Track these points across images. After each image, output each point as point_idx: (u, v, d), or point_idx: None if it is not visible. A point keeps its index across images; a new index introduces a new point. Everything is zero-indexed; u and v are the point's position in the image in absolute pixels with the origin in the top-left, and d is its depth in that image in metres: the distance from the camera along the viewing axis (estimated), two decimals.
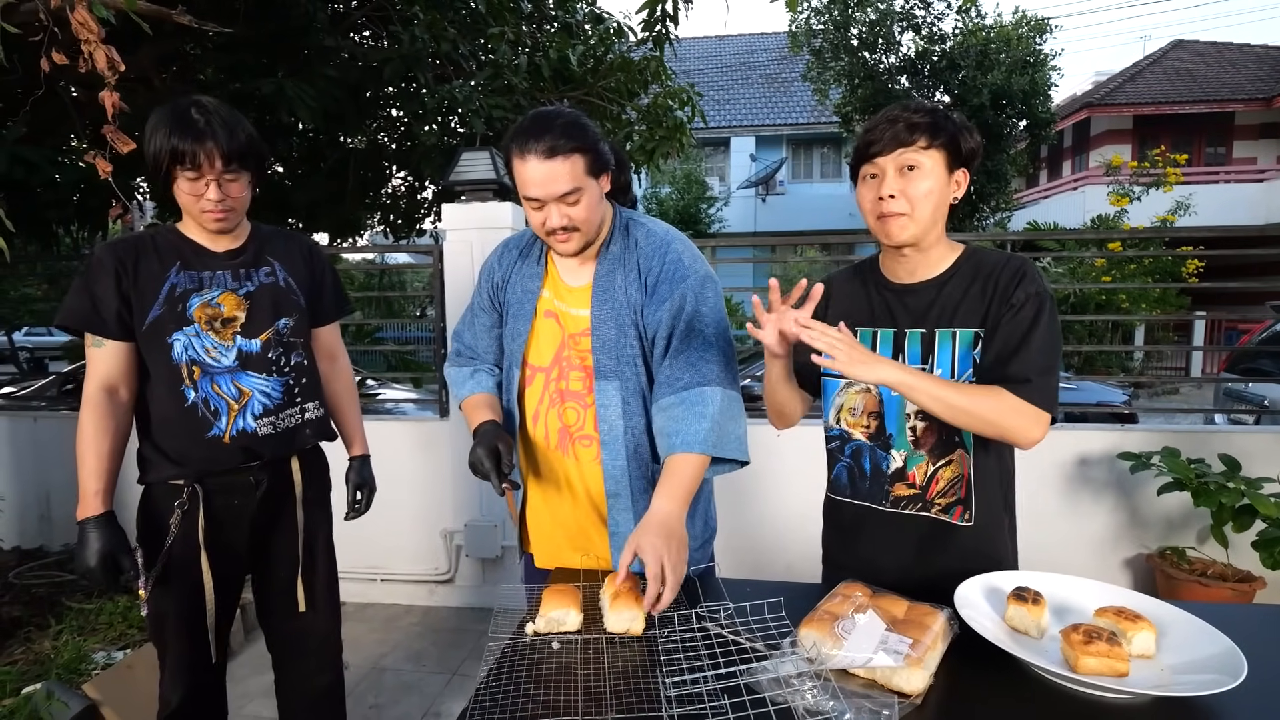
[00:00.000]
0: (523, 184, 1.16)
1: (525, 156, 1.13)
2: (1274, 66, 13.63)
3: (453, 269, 2.83)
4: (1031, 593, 0.97)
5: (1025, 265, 1.11)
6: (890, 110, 1.10)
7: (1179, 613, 0.95)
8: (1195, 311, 8.98)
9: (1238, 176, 13.04)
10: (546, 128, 1.13)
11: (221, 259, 1.40)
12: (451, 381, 1.39)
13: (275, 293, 1.43)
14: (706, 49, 18.71)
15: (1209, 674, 0.81)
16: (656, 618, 1.03)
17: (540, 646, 1.00)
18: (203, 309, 1.36)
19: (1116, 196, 8.16)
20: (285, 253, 1.47)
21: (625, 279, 1.25)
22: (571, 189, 1.14)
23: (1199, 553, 2.61)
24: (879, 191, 1.10)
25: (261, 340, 1.41)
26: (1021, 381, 1.04)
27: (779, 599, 1.01)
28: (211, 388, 1.36)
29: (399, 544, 3.02)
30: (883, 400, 1.19)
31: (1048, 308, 1.07)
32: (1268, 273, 9.26)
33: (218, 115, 1.29)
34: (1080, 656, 0.84)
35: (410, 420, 3.15)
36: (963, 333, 1.12)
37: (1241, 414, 4.30)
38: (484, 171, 2.68)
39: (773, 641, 0.95)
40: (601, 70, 4.43)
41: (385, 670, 2.53)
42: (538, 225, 1.20)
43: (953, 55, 10.39)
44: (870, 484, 1.22)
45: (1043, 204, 14.12)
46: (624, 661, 0.96)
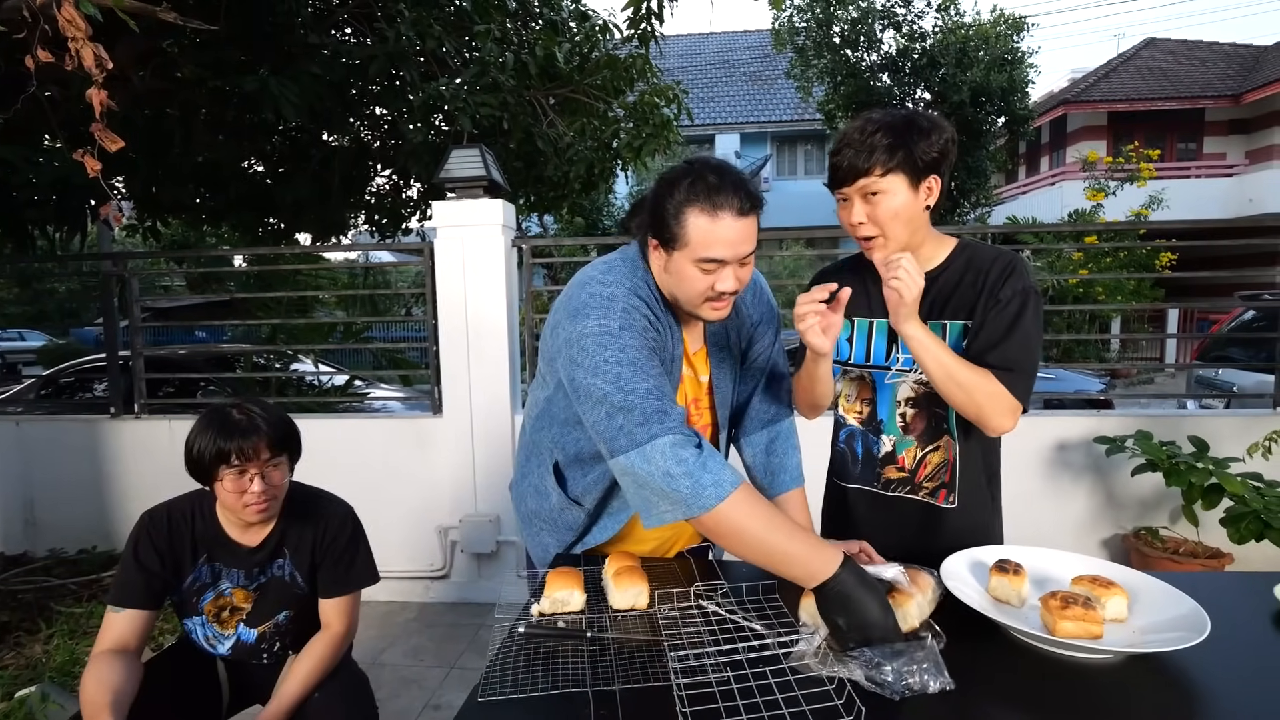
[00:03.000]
0: (707, 245, 1.02)
1: (719, 214, 1.01)
2: (1242, 64, 13.96)
3: (444, 266, 2.85)
4: (1013, 564, 1.03)
5: (1015, 261, 1.16)
6: (851, 132, 1.13)
7: (1149, 579, 1.01)
8: (1169, 302, 9.21)
9: (1208, 172, 13.35)
10: (737, 179, 1.03)
11: (244, 556, 1.46)
12: (694, 465, 0.96)
13: (281, 587, 1.49)
14: (692, 47, 18.74)
15: (1176, 632, 0.87)
16: (657, 595, 1.07)
17: (547, 625, 1.04)
18: (213, 603, 1.46)
19: (1093, 191, 8.31)
20: (298, 542, 1.49)
21: (739, 334, 1.27)
22: (753, 249, 1.07)
23: (1172, 531, 2.71)
24: (850, 218, 1.16)
25: (259, 631, 1.49)
26: (1003, 370, 1.09)
27: (773, 581, 1.06)
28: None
29: (395, 541, 3.03)
30: (875, 386, 1.25)
31: (1032, 304, 1.12)
32: (1237, 265, 9.51)
33: (258, 409, 1.39)
34: (1058, 621, 0.89)
35: (405, 418, 3.17)
36: (953, 324, 1.18)
37: (1212, 399, 4.44)
38: (474, 169, 2.70)
39: (767, 620, 0.99)
40: (588, 68, 4.45)
41: (385, 666, 2.55)
42: (703, 290, 1.05)
43: (933, 53, 10.52)
44: (863, 467, 1.28)
45: (1022, 199, 14.33)
46: (630, 636, 0.99)
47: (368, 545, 1.58)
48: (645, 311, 1.09)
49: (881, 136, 1.09)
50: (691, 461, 0.96)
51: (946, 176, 1.17)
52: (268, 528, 1.47)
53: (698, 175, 1.03)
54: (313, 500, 1.53)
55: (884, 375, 1.24)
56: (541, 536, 1.34)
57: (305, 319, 4.27)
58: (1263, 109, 13.40)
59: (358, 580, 1.53)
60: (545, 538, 1.33)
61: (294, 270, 4.29)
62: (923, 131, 1.10)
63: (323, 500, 1.55)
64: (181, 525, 1.44)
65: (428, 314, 2.93)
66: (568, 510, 1.28)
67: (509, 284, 2.86)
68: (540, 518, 1.33)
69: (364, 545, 1.56)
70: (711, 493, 0.94)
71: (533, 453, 1.33)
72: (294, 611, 1.51)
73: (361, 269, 7.63)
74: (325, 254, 5.44)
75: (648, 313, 1.10)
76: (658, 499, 0.98)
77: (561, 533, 1.31)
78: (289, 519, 1.49)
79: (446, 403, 2.93)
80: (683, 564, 1.25)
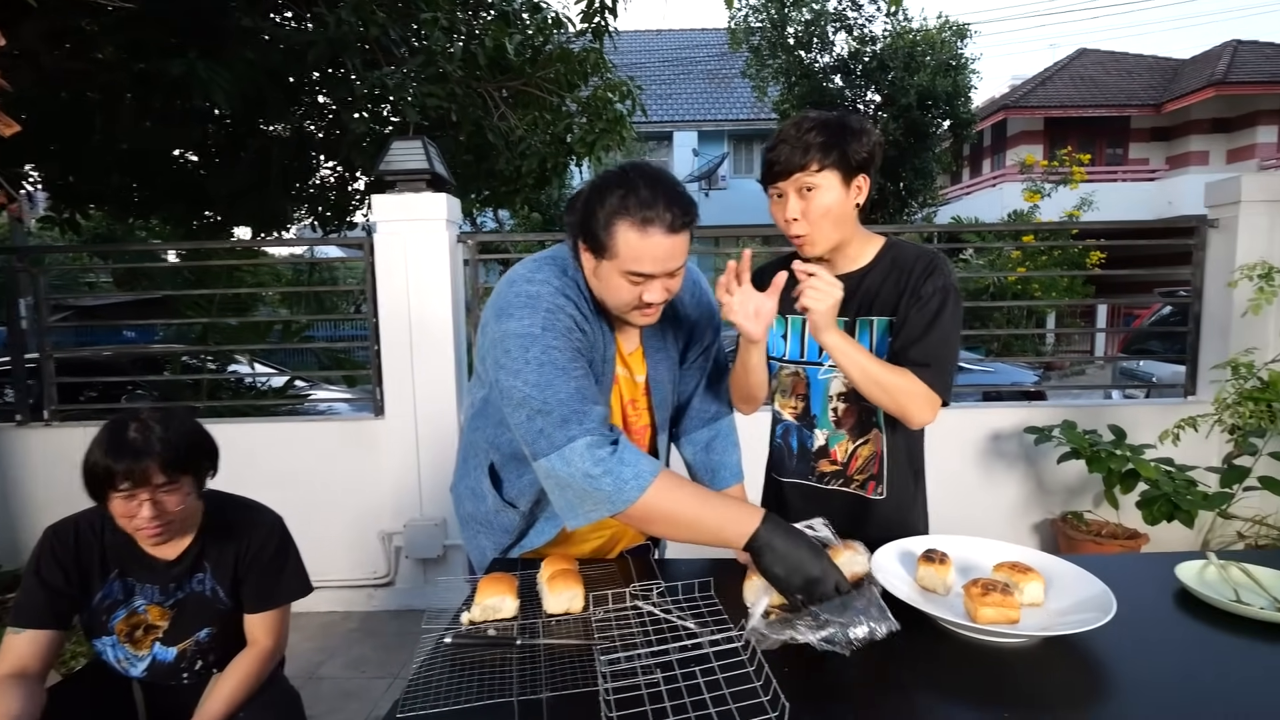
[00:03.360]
0: (634, 259, 1.00)
1: (649, 231, 0.99)
2: (1163, 75, 14.81)
3: (384, 262, 2.76)
4: (939, 554, 1.06)
5: (936, 259, 1.20)
6: (786, 129, 1.16)
7: (1064, 564, 1.06)
8: (1098, 299, 9.70)
9: (1133, 176, 14.13)
10: (671, 194, 1.00)
11: (160, 570, 1.38)
12: (613, 461, 0.96)
13: (201, 603, 1.40)
14: (649, 43, 18.73)
15: (1086, 613, 0.91)
16: (592, 597, 1.06)
17: (476, 635, 1.01)
18: (125, 621, 1.37)
19: (1030, 193, 8.67)
20: (220, 555, 1.41)
21: (676, 333, 1.25)
22: (683, 263, 1.06)
23: (1095, 515, 2.86)
24: (784, 214, 1.18)
25: (179, 649, 1.40)
26: (922, 365, 1.14)
27: (709, 579, 1.06)
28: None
29: (335, 548, 2.93)
30: (809, 382, 1.28)
31: (951, 301, 1.16)
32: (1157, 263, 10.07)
33: (159, 425, 1.26)
34: (979, 608, 0.93)
35: (345, 420, 3.06)
36: (879, 321, 1.21)
37: (1135, 389, 4.70)
38: (417, 161, 2.63)
39: (701, 619, 0.99)
40: (540, 60, 4.38)
41: (323, 679, 2.46)
42: (630, 300, 1.05)
43: (882, 56, 10.78)
44: (798, 462, 1.31)
45: (966, 199, 14.87)
46: (561, 641, 0.98)
47: (297, 556, 1.50)
48: (572, 312, 1.07)
49: (817, 134, 1.12)
50: (609, 459, 0.96)
51: (874, 178, 1.20)
52: (185, 540, 1.39)
53: (630, 187, 1.00)
54: (236, 510, 1.46)
55: (817, 371, 1.27)
56: (479, 540, 1.32)
57: (241, 318, 4.08)
58: (1180, 118, 14.24)
59: (286, 593, 1.46)
60: (482, 540, 1.31)
61: (230, 266, 4.10)
62: (855, 132, 1.14)
63: (247, 510, 1.47)
64: (90, 538, 1.35)
65: (368, 312, 2.84)
66: (503, 513, 1.25)
67: (454, 281, 2.79)
68: (477, 520, 1.31)
69: (293, 556, 1.48)
70: (634, 485, 0.95)
71: (470, 454, 1.31)
72: (216, 628, 1.42)
73: (307, 265, 7.37)
74: (261, 248, 5.21)
75: (575, 313, 1.07)
76: (581, 500, 0.99)
77: (498, 535, 1.29)
78: (209, 531, 1.41)
79: (389, 404, 2.85)
80: (622, 565, 1.24)
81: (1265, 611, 0.95)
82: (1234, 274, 2.71)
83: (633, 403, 1.24)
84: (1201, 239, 2.97)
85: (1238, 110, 13.84)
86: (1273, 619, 0.94)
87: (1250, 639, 0.92)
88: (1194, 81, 13.48)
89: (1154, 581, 1.10)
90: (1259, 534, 2.59)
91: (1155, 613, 1.01)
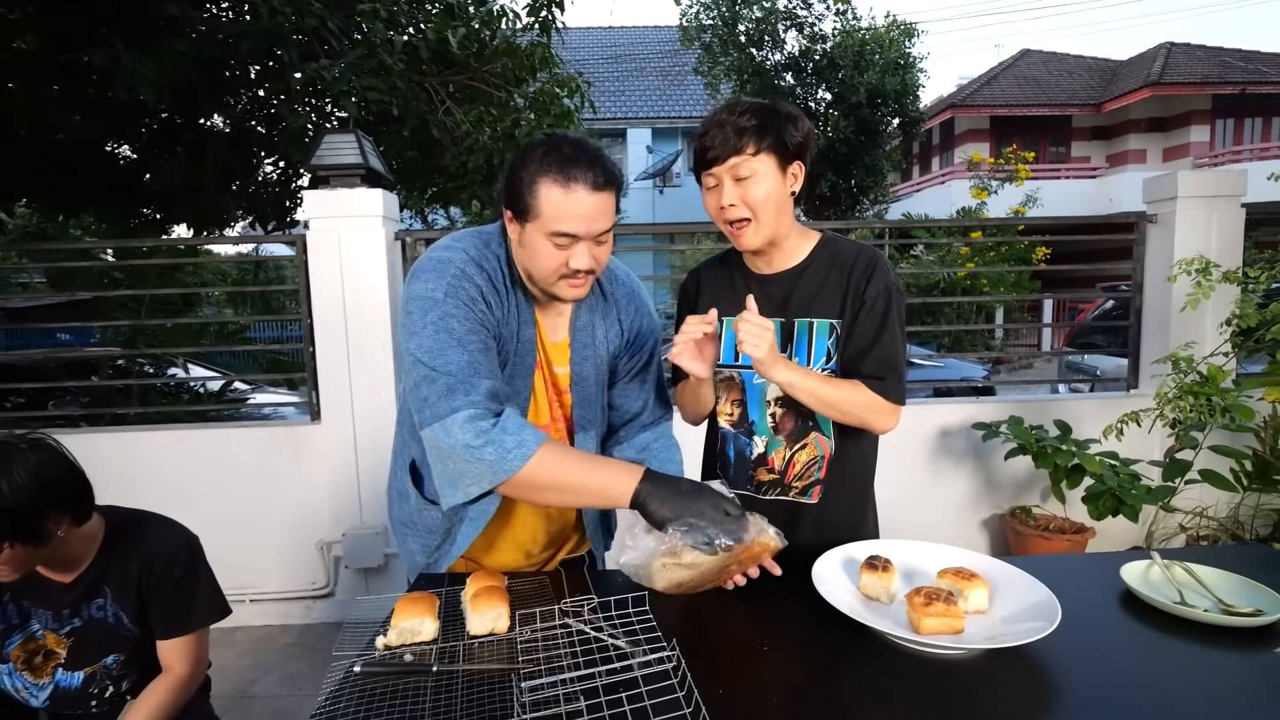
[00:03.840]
0: (558, 218, 0.98)
1: (571, 186, 0.97)
2: (1103, 76, 15.41)
3: (318, 261, 2.62)
4: (881, 560, 1.02)
5: (876, 259, 1.16)
6: (718, 114, 1.12)
7: (1009, 568, 1.03)
8: (1044, 294, 10.01)
9: (1075, 173, 14.68)
10: (593, 156, 1.00)
11: (54, 595, 1.26)
12: (497, 430, 0.95)
13: (103, 630, 1.29)
14: (602, 39, 18.63)
15: (1032, 622, 0.88)
16: (518, 616, 0.99)
17: (390, 661, 0.93)
18: (21, 648, 1.28)
19: (977, 190, 8.89)
20: (121, 579, 1.29)
21: (606, 332, 1.20)
22: (608, 227, 1.03)
23: (1042, 509, 2.90)
24: (720, 200, 1.12)
25: (85, 674, 1.29)
26: (877, 379, 1.12)
27: (643, 593, 1.00)
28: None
29: (270, 559, 2.78)
30: (745, 388, 1.22)
31: (895, 302, 1.14)
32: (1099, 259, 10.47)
33: (11, 474, 1.09)
34: (921, 618, 0.89)
35: (279, 425, 2.91)
36: (820, 323, 1.17)
37: (1080, 383, 4.83)
38: (350, 156, 2.50)
39: (634, 637, 0.93)
40: (486, 54, 4.26)
41: (255, 698, 2.33)
42: (555, 267, 1.01)
43: (833, 55, 10.93)
44: (735, 471, 1.25)
45: (915, 197, 15.22)
46: (481, 666, 0.91)
47: (210, 575, 1.39)
48: (480, 282, 1.04)
49: (750, 118, 1.08)
50: (491, 430, 0.95)
51: (808, 166, 1.16)
52: (81, 564, 1.27)
53: (553, 147, 1.00)
54: (138, 528, 1.33)
55: (753, 375, 1.21)
56: (408, 543, 1.26)
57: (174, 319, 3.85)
58: (1119, 118, 14.86)
59: (200, 617, 1.36)
60: (411, 544, 1.25)
61: (161, 266, 3.87)
62: (789, 116, 1.12)
63: (151, 528, 1.35)
64: None
65: (302, 312, 2.69)
66: (425, 511, 1.20)
67: (392, 280, 2.67)
68: (404, 523, 1.25)
69: (205, 575, 1.38)
70: (517, 453, 0.94)
71: (397, 453, 1.26)
72: (125, 655, 1.32)
73: (252, 264, 7.05)
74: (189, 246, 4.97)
75: (484, 284, 1.04)
76: (462, 473, 0.97)
77: (424, 537, 1.22)
78: (108, 553, 1.29)
79: (325, 408, 2.71)
80: (554, 579, 1.17)
81: (1208, 614, 0.94)
82: (1172, 269, 2.77)
83: (559, 395, 1.19)
84: (1141, 234, 3.04)
85: (1172, 110, 14.51)
86: (1215, 621, 0.93)
87: (1194, 642, 0.91)
88: (1131, 82, 14.07)
89: (1099, 583, 1.08)
90: (1200, 525, 2.66)
91: (1100, 616, 0.99)
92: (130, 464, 2.72)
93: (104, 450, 2.72)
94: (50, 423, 3.29)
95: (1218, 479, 2.30)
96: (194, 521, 1.43)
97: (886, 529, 1.30)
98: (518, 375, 1.10)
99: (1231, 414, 2.19)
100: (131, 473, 2.70)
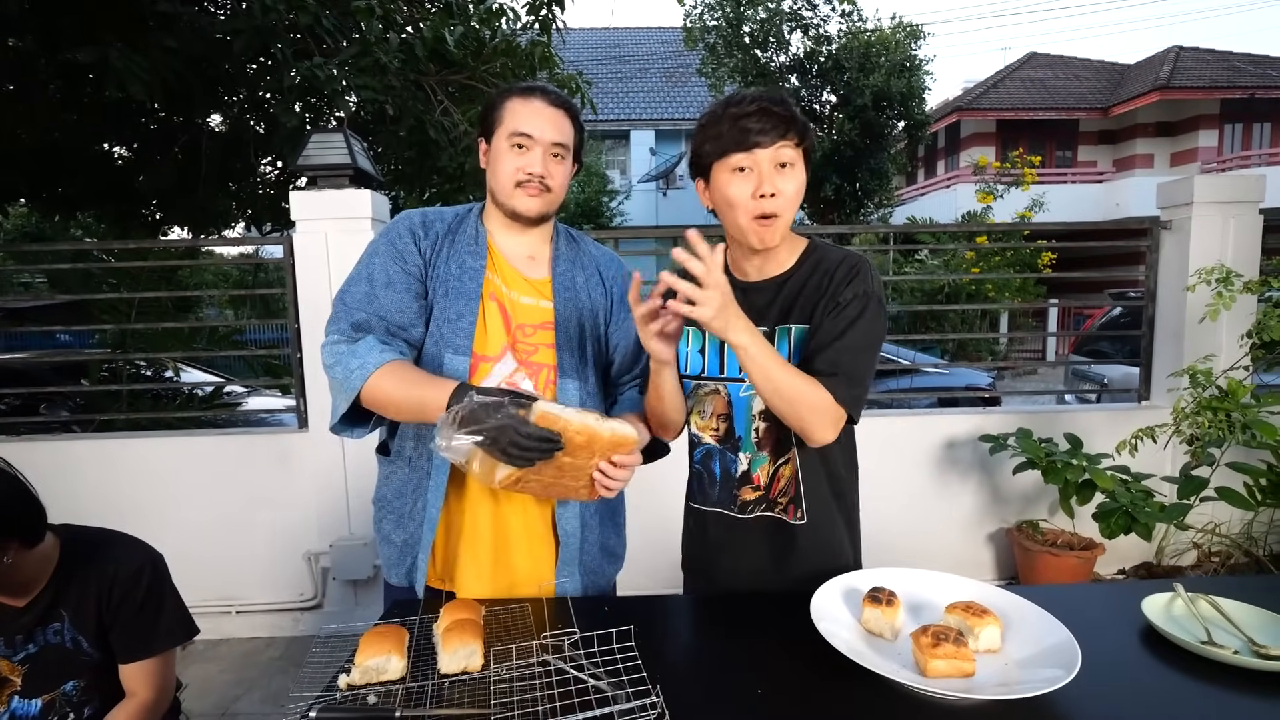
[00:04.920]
0: (516, 121, 1.13)
1: (530, 99, 1.14)
2: (1110, 79, 15.30)
3: (305, 264, 2.56)
4: (886, 593, 0.95)
5: (861, 264, 1.07)
6: (759, 97, 1.02)
7: (1023, 603, 0.96)
8: (1050, 299, 9.92)
9: (1082, 178, 14.57)
10: (557, 93, 1.17)
11: (5, 620, 1.20)
12: (346, 354, 1.07)
13: (61, 656, 1.23)
14: (604, 40, 18.60)
15: (1049, 669, 0.81)
16: (493, 653, 0.92)
17: (350, 706, 0.86)
18: None
19: (983, 194, 8.80)
20: (79, 602, 1.23)
21: (587, 282, 1.25)
22: (563, 142, 1.16)
23: (1050, 524, 2.81)
24: (758, 188, 1.01)
25: (44, 701, 1.22)
26: (829, 375, 1.00)
27: (629, 627, 0.93)
28: None
29: (256, 570, 2.72)
30: (731, 402, 1.14)
31: (871, 308, 1.04)
32: (1106, 264, 10.37)
33: None
34: (929, 660, 0.83)
35: (266, 433, 2.84)
36: (798, 329, 1.09)
37: (1086, 392, 4.74)
38: (338, 155, 2.44)
39: (617, 679, 0.86)
40: (484, 54, 4.20)
41: (238, 715, 2.25)
42: (513, 171, 1.14)
43: (838, 57, 10.85)
44: (720, 489, 1.17)
45: (920, 200, 15.12)
46: (450, 712, 0.84)
47: (175, 595, 1.33)
48: (415, 224, 1.18)
49: (787, 108, 1.03)
50: (343, 351, 1.08)
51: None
52: (35, 588, 1.20)
53: (520, 83, 1.20)
54: (97, 548, 1.26)
55: (738, 388, 1.13)
56: (384, 526, 1.24)
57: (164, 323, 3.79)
58: (1126, 122, 14.75)
59: (164, 640, 1.30)
60: (386, 526, 1.23)
61: (159, 267, 3.82)
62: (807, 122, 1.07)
63: (111, 548, 1.28)
64: None
65: (289, 316, 2.62)
66: (393, 473, 1.21)
67: None
68: (381, 503, 1.24)
69: (169, 595, 1.32)
70: (358, 374, 1.06)
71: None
72: (85, 680, 1.25)
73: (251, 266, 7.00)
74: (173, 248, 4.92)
75: (418, 225, 1.18)
76: (333, 393, 1.11)
77: (398, 505, 1.20)
78: (65, 574, 1.22)
79: (313, 416, 2.64)
80: (535, 608, 1.09)
81: (1239, 657, 0.86)
82: (1190, 277, 2.68)
83: (521, 329, 1.18)
84: (1155, 241, 2.96)
85: (1180, 115, 14.40)
86: (1247, 665, 0.85)
87: (1223, 686, 0.83)
88: (1139, 86, 13.96)
89: (1119, 617, 1.00)
90: (1212, 542, 2.57)
91: (1121, 655, 0.91)
92: (116, 471, 2.66)
93: (89, 457, 2.66)
94: (40, 428, 3.24)
95: (1235, 497, 2.22)
96: (180, 530, 1.38)
97: (890, 541, 1.24)
98: (459, 299, 1.16)
99: (1253, 431, 2.11)
100: (117, 480, 2.64)
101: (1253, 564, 2.55)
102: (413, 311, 1.14)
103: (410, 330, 1.14)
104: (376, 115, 4.00)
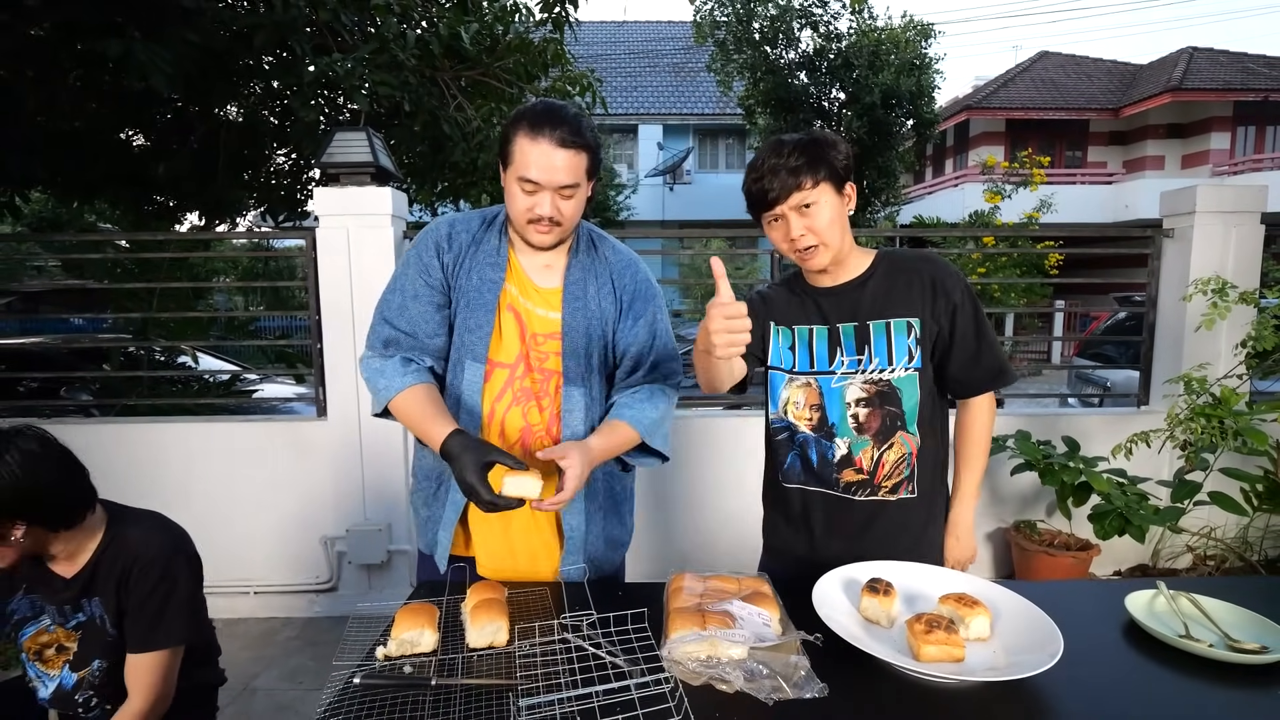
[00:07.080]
0: (524, 164, 1.14)
1: (538, 139, 1.13)
2: (1121, 80, 15.19)
3: (327, 257, 2.63)
4: (883, 584, 1.01)
5: (941, 260, 1.27)
6: (766, 159, 1.18)
7: (1012, 596, 1.02)
8: (1057, 301, 9.93)
9: (1091, 179, 14.49)
10: (563, 118, 1.14)
11: (56, 589, 1.26)
12: (377, 373, 1.21)
13: (95, 632, 1.28)
14: (614, 34, 18.56)
15: (1034, 654, 0.87)
16: (517, 630, 0.99)
17: (390, 672, 0.94)
18: (34, 639, 1.30)
19: (991, 194, 8.79)
20: (107, 581, 1.26)
21: (599, 290, 1.28)
22: (572, 183, 1.16)
23: (1047, 524, 2.87)
24: (789, 234, 1.19)
25: (78, 677, 1.29)
26: (998, 373, 1.26)
27: (643, 609, 1.00)
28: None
29: (274, 552, 2.81)
30: (823, 393, 1.26)
31: (973, 295, 1.23)
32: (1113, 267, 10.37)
33: None
34: (922, 645, 0.89)
35: (286, 420, 2.92)
36: (897, 322, 1.22)
37: (1089, 396, 4.78)
38: (360, 154, 2.50)
39: (632, 655, 0.93)
40: (498, 50, 4.25)
41: (257, 691, 2.35)
42: (523, 210, 1.17)
43: (847, 54, 10.81)
44: (819, 471, 1.28)
45: (928, 199, 15.09)
46: (480, 681, 0.91)
47: (189, 590, 1.30)
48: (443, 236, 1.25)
49: (798, 156, 1.16)
50: (376, 368, 1.22)
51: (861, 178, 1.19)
52: (82, 558, 1.26)
53: (530, 108, 1.17)
54: (132, 528, 1.29)
55: (829, 380, 1.26)
56: (415, 499, 1.37)
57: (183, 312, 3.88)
58: (1137, 123, 14.65)
59: (163, 637, 1.25)
60: (417, 500, 1.36)
61: (171, 257, 3.89)
62: (830, 143, 1.19)
63: (142, 529, 1.29)
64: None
65: (310, 309, 2.70)
66: (425, 455, 1.32)
67: None
68: (416, 477, 1.37)
69: (181, 590, 1.27)
70: (383, 394, 1.20)
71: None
72: (108, 662, 1.27)
73: (265, 256, 7.08)
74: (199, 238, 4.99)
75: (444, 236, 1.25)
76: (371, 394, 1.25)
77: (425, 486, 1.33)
78: (104, 550, 1.26)
79: (331, 404, 2.72)
80: (554, 591, 1.17)
81: (1213, 650, 0.92)
82: (1188, 287, 2.72)
83: (535, 338, 1.25)
84: (1157, 248, 3.00)
85: (1192, 116, 14.30)
86: (1220, 657, 0.91)
87: (1198, 678, 0.90)
88: (1151, 87, 13.86)
89: (1104, 612, 1.07)
90: (1207, 546, 2.63)
91: (1103, 648, 0.98)
92: (137, 455, 2.74)
93: (111, 440, 2.74)
94: (61, 410, 3.32)
95: (1228, 502, 2.27)
96: (200, 513, 1.44)
97: None
98: (478, 309, 1.23)
99: (1244, 438, 2.16)
100: (139, 463, 2.73)
101: (1247, 569, 2.60)
102: (435, 322, 1.25)
103: (434, 340, 1.25)
104: (391, 110, 4.05)
